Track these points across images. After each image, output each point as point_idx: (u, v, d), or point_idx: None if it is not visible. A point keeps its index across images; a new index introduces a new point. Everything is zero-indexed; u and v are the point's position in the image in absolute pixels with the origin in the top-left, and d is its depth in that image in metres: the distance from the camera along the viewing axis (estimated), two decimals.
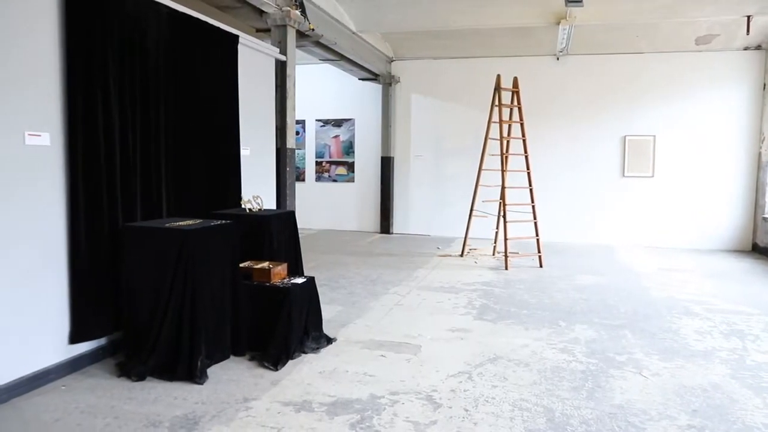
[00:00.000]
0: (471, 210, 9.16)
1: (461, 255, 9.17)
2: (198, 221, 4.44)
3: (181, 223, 4.32)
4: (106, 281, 4.19)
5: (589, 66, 10.74)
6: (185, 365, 3.90)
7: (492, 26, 9.20)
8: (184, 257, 3.94)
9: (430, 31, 9.94)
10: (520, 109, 9.00)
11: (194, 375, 3.86)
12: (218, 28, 5.59)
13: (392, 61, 11.77)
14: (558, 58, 10.81)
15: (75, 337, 4.04)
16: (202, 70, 5.33)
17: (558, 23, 8.68)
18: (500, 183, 8.71)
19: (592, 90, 10.76)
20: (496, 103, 8.90)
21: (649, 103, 10.51)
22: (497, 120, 8.83)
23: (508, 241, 8.32)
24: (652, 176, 10.60)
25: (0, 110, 3.49)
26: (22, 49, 3.63)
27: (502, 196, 8.68)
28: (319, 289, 4.89)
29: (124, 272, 4.16)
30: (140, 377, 3.90)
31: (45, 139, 3.79)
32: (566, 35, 9.20)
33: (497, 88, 8.90)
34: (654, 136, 10.53)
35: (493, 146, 9.02)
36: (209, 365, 4.05)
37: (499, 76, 8.92)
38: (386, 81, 11.63)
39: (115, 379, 3.93)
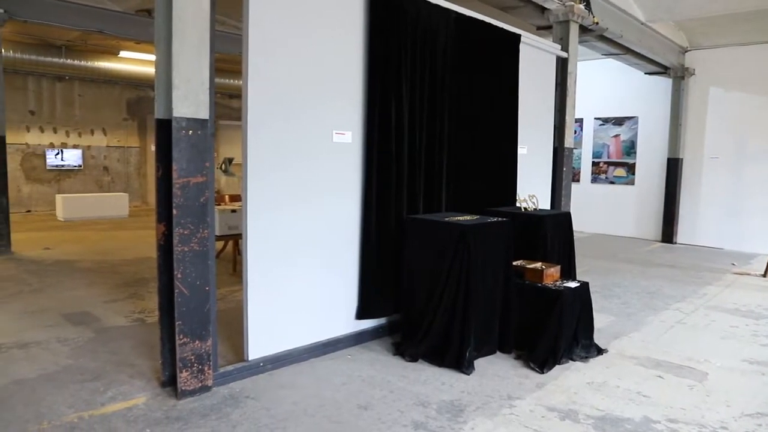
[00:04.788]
0: None
1: (764, 275, 7.81)
2: (475, 217, 4.59)
3: (459, 218, 4.53)
4: (390, 267, 4.60)
5: None
6: (454, 354, 4.07)
7: None
8: (461, 251, 4.11)
9: (738, 13, 8.61)
10: None
11: (462, 364, 4.01)
12: (501, 28, 5.68)
13: (686, 52, 10.56)
14: None
15: (361, 314, 4.54)
16: (485, 71, 5.48)
17: None
18: None
19: None
20: None
21: None
22: None
23: None
24: None
25: (317, 114, 4.12)
26: (338, 71, 4.24)
27: None
28: (591, 296, 4.65)
29: (405, 260, 4.51)
30: (413, 359, 4.20)
31: (347, 137, 4.33)
32: None
33: None
34: None
35: None
36: (476, 357, 4.17)
37: None
38: (678, 74, 10.49)
39: (391, 357, 4.30)
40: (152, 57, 3.51)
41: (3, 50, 8.49)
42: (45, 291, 6.03)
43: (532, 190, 5.90)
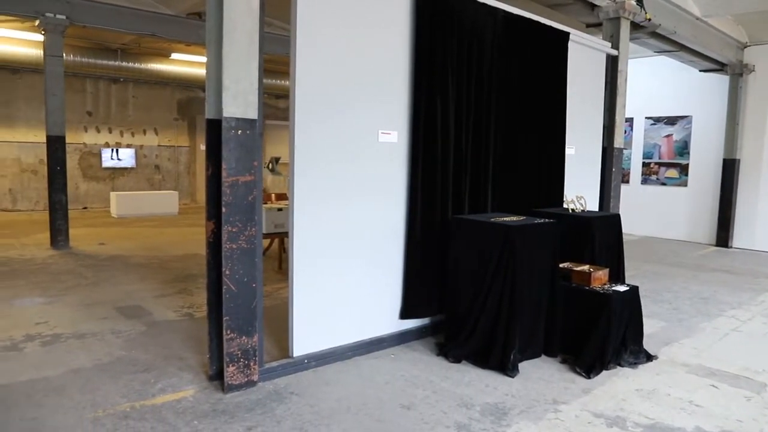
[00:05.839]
0: None
1: None
2: (521, 218, 4.53)
3: (505, 218, 4.47)
4: (434, 267, 4.57)
5: None
6: (498, 356, 4.03)
7: None
8: (507, 252, 4.06)
9: None
10: None
11: (506, 367, 3.96)
12: (550, 26, 5.58)
13: (745, 47, 10.14)
14: None
15: (404, 314, 4.54)
16: (532, 69, 5.39)
17: None
18: None
19: None
20: None
21: None
22: None
23: None
24: None
25: (363, 114, 4.16)
26: (384, 71, 4.27)
27: None
28: (641, 301, 4.52)
29: (450, 260, 4.48)
30: (456, 360, 4.18)
31: (393, 137, 4.34)
32: None
33: None
34: None
35: None
36: (521, 360, 4.12)
37: None
38: (736, 71, 10.09)
39: (434, 357, 4.28)
40: (202, 59, 3.61)
41: (64, 54, 8.86)
42: (100, 285, 6.26)
43: (580, 191, 5.77)
